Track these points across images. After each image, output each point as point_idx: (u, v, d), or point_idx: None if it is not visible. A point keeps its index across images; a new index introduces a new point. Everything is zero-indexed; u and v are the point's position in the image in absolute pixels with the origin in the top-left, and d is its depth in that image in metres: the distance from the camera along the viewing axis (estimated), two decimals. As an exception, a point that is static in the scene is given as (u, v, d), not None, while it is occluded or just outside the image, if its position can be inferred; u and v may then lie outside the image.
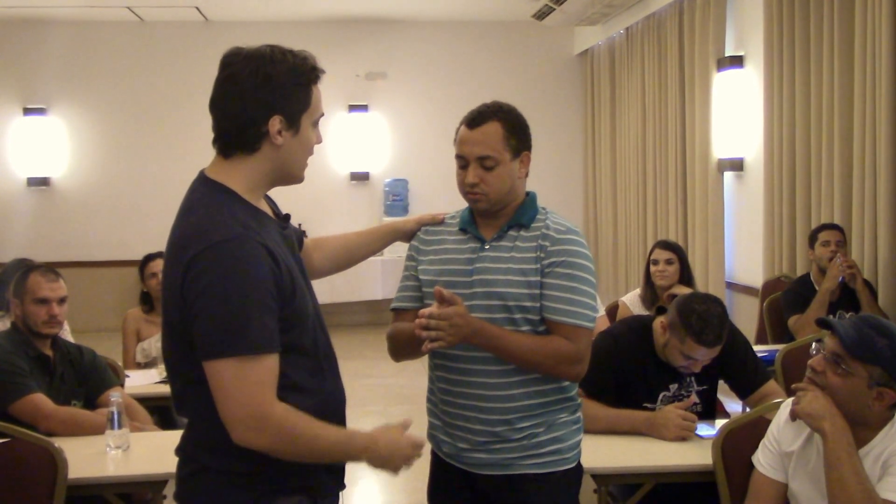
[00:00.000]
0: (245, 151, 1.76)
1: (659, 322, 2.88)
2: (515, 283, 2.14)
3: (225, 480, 1.74)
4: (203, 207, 1.73)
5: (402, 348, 2.27)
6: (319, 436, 1.72)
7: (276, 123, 1.74)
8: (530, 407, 2.17)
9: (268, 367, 1.67)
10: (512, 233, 2.21)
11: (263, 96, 1.72)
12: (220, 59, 1.78)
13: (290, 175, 1.84)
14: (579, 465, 2.28)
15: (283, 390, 1.71)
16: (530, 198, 2.26)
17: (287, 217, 1.90)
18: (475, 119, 2.18)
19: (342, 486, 1.92)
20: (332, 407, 1.85)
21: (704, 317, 2.71)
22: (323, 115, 1.85)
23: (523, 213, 2.22)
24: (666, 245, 4.39)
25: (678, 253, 4.33)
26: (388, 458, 1.80)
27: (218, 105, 1.77)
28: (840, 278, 4.27)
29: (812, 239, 4.52)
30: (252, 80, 1.72)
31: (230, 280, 1.63)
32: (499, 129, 2.16)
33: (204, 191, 1.77)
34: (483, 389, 2.16)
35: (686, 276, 4.32)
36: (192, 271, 1.65)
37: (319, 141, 1.86)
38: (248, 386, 1.64)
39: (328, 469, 1.85)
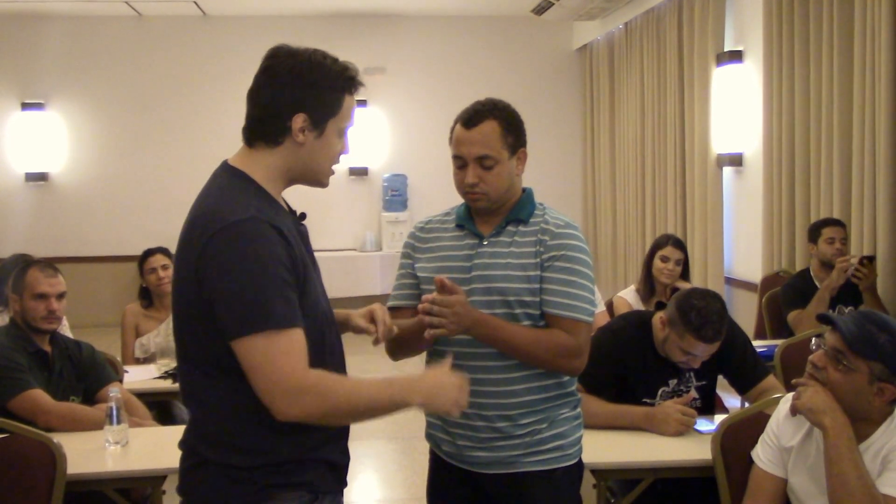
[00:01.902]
0: (267, 143, 1.79)
1: (658, 317, 2.88)
2: (515, 277, 2.14)
3: (225, 475, 1.74)
4: (220, 191, 1.76)
5: (400, 345, 2.27)
6: (357, 391, 1.70)
7: (299, 121, 1.76)
8: (532, 402, 2.16)
9: (295, 338, 1.67)
10: (510, 228, 2.20)
11: (292, 92, 1.76)
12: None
13: (310, 177, 1.86)
14: (580, 461, 2.28)
15: None
16: (527, 194, 2.26)
17: (303, 216, 1.91)
18: (471, 118, 2.16)
19: (344, 484, 1.91)
20: None
21: (703, 313, 2.71)
22: (352, 125, 1.87)
23: (521, 208, 2.22)
24: (678, 243, 4.34)
25: (686, 253, 4.33)
26: (435, 396, 1.78)
27: (252, 94, 1.81)
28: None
29: (814, 233, 4.50)
30: (286, 74, 1.77)
31: (248, 258, 1.65)
32: (496, 128, 2.15)
33: (224, 177, 1.80)
34: (483, 386, 2.15)
35: (686, 274, 4.32)
36: (209, 252, 1.67)
37: (347, 151, 1.88)
38: (280, 358, 1.64)
39: (329, 466, 1.84)
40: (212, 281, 1.66)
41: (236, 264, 1.65)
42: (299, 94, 1.76)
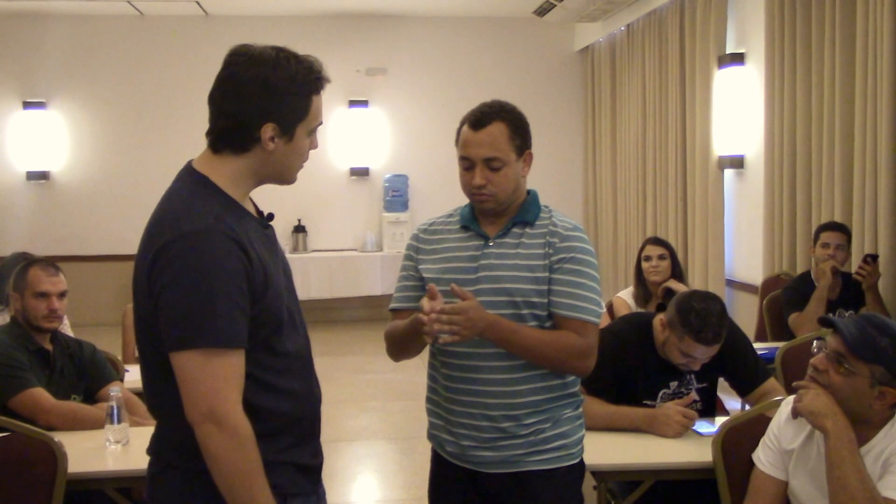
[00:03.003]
0: (234, 151, 1.75)
1: (658, 319, 2.88)
2: (523, 279, 2.15)
3: (190, 479, 1.71)
4: (179, 197, 1.73)
5: (401, 347, 2.26)
6: (258, 479, 1.66)
7: (268, 131, 1.73)
8: (536, 402, 2.17)
9: (233, 363, 1.65)
10: (516, 230, 2.21)
11: (259, 103, 1.71)
12: (219, 53, 1.77)
13: (279, 178, 1.83)
14: (582, 461, 2.29)
15: (252, 389, 1.70)
16: (532, 196, 2.27)
17: (270, 217, 1.88)
18: (479, 120, 2.16)
19: (317, 485, 1.90)
20: (302, 408, 1.83)
21: (703, 315, 2.71)
22: (321, 123, 1.83)
23: (527, 210, 2.22)
24: (657, 241, 4.41)
25: (669, 249, 4.35)
26: None
27: (215, 101, 1.76)
28: (836, 275, 4.26)
29: (815, 236, 4.49)
30: (250, 84, 1.71)
31: (197, 271, 1.62)
32: (504, 130, 2.15)
33: (186, 181, 1.77)
34: (488, 386, 2.16)
35: (677, 272, 4.32)
36: (160, 261, 1.64)
37: (315, 146, 1.85)
38: (212, 380, 1.62)
39: (298, 468, 1.82)
40: (160, 291, 1.64)
41: (184, 277, 1.62)
42: (267, 104, 1.71)
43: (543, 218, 2.22)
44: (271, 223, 1.87)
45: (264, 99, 1.71)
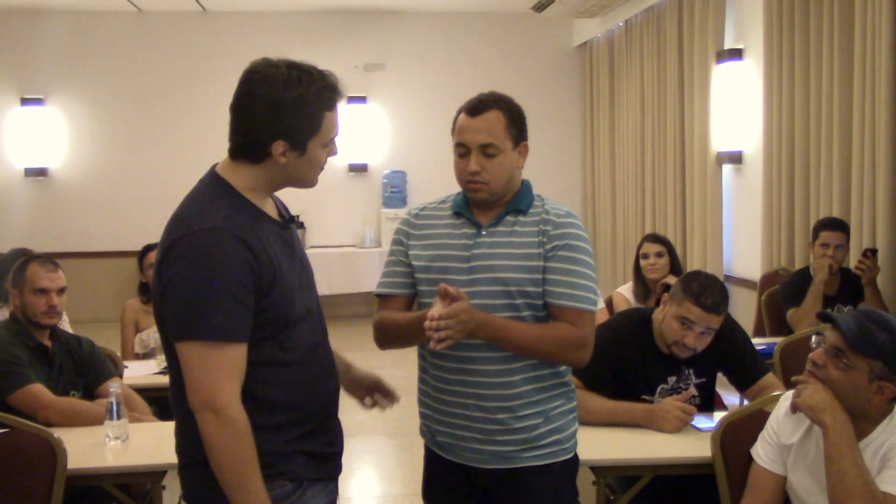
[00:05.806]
0: (250, 161, 1.83)
1: (660, 306, 2.89)
2: (516, 268, 2.13)
3: (207, 471, 1.75)
4: (197, 197, 1.81)
5: (392, 339, 2.25)
6: (250, 468, 1.72)
7: (279, 147, 1.79)
8: (530, 393, 2.16)
9: (232, 355, 1.72)
10: (509, 218, 2.19)
11: (270, 122, 1.78)
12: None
13: (297, 185, 1.89)
14: (576, 455, 2.28)
15: (259, 382, 1.77)
16: (525, 185, 2.25)
17: (291, 219, 1.94)
18: (476, 107, 2.16)
19: (336, 472, 1.96)
20: (311, 402, 1.88)
21: (706, 283, 2.75)
22: (339, 133, 1.88)
23: (520, 199, 2.21)
24: (655, 238, 4.40)
25: (667, 245, 4.34)
26: None
27: (233, 113, 1.82)
28: (835, 272, 4.26)
29: (814, 233, 4.47)
30: (261, 104, 1.77)
31: (199, 267, 1.70)
32: (501, 118, 2.15)
33: (207, 182, 1.85)
34: (481, 377, 2.15)
35: (676, 269, 4.32)
36: (169, 256, 1.74)
37: (334, 154, 1.90)
38: (211, 371, 1.70)
39: (311, 456, 1.87)
40: (165, 283, 1.74)
41: (187, 272, 1.71)
42: (276, 123, 1.78)
43: (536, 206, 2.20)
44: (292, 224, 1.95)
45: (274, 119, 1.77)
